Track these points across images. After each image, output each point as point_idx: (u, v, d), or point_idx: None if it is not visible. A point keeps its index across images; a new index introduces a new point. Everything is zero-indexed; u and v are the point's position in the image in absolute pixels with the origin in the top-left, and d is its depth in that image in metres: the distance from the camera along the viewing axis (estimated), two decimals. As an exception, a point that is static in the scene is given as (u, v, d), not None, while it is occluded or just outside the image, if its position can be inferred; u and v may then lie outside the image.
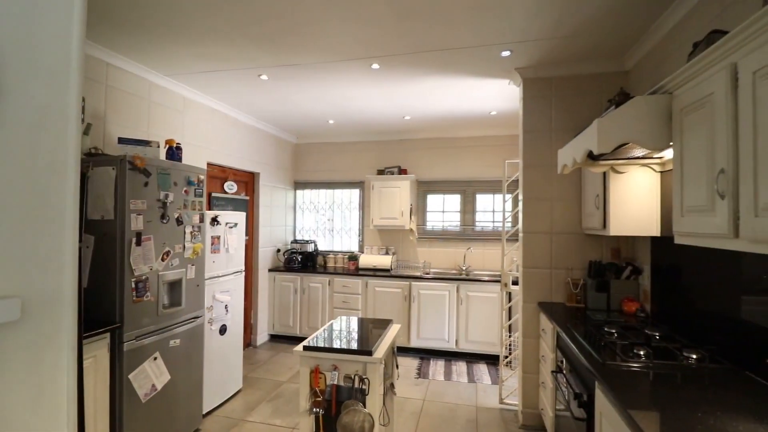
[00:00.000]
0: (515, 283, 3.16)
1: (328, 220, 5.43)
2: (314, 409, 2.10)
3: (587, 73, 2.78)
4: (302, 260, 4.92)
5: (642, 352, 1.66)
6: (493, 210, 4.82)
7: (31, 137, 0.59)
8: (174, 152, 2.74)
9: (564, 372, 2.09)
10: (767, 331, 1.44)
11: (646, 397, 1.34)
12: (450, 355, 4.25)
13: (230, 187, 4.27)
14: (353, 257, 4.90)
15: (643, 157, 2.05)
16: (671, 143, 1.54)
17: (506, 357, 3.36)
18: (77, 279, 0.68)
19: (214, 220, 3.06)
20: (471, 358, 4.18)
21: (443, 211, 4.99)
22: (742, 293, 1.60)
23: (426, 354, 4.30)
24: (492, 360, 4.07)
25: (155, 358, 2.35)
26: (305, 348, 2.10)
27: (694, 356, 1.62)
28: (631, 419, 1.18)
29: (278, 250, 5.07)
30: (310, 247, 5.05)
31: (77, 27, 0.66)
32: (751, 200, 1.09)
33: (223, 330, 3.14)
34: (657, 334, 1.90)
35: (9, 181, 0.57)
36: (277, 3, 2.07)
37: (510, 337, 3.50)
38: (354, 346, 2.15)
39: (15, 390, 0.58)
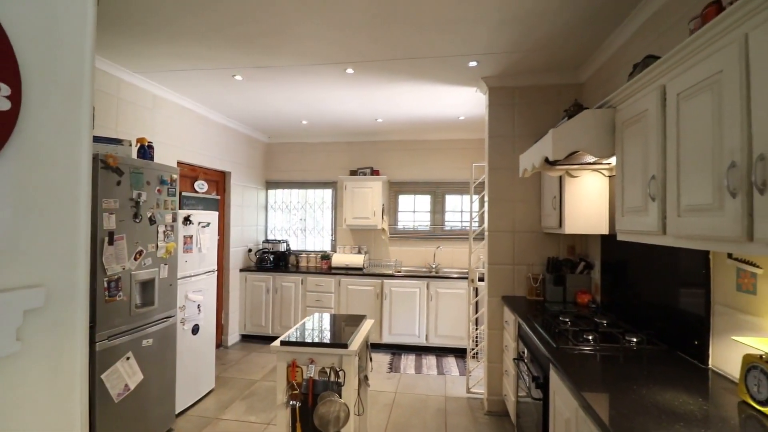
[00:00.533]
0: (481, 279, 3.35)
1: (300, 219, 5.46)
2: (291, 402, 2.17)
3: (547, 84, 3.01)
4: (274, 260, 4.93)
5: (590, 338, 1.86)
6: (461, 210, 5.04)
7: (51, 146, 0.66)
8: (146, 151, 2.71)
9: (524, 359, 2.28)
10: (696, 317, 1.66)
11: (591, 375, 1.53)
12: (420, 350, 4.41)
13: (201, 186, 4.22)
14: (326, 256, 4.96)
15: (594, 163, 2.26)
16: (615, 152, 1.74)
17: (473, 349, 3.55)
18: (89, 272, 0.75)
19: (187, 220, 3.05)
20: (440, 351, 4.36)
21: (414, 211, 5.16)
22: (677, 285, 1.82)
23: (397, 349, 4.44)
24: (460, 353, 4.26)
25: (128, 358, 2.34)
26: (282, 343, 2.17)
27: (635, 339, 1.83)
28: (578, 393, 1.36)
29: (250, 250, 5.04)
30: (282, 247, 5.06)
31: (89, 44, 0.73)
32: (675, 202, 1.28)
33: (195, 330, 3.13)
34: (604, 321, 2.12)
35: (34, 185, 0.63)
36: (257, 7, 2.12)
37: (477, 330, 3.70)
38: (330, 339, 2.24)
39: (37, 368, 0.64)
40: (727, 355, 1.49)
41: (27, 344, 0.62)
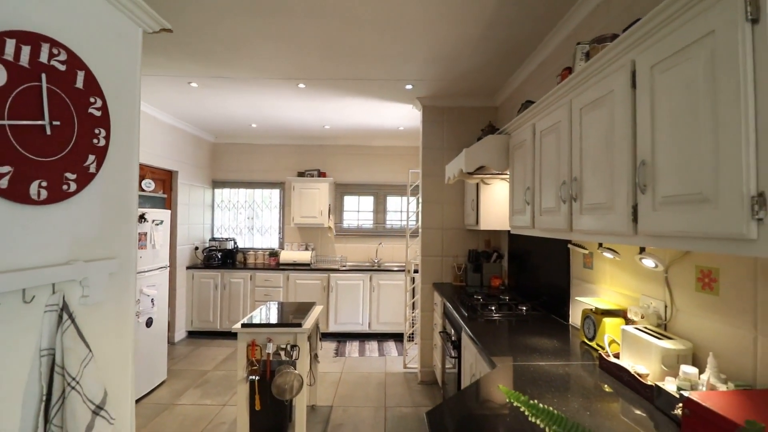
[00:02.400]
0: (417, 270, 3.87)
1: (248, 218, 5.63)
2: (250, 377, 2.49)
3: (470, 105, 3.61)
4: (222, 257, 5.07)
5: (493, 308, 2.43)
6: (401, 210, 5.58)
7: (118, 165, 0.99)
8: (103, 152, 2.84)
9: (447, 332, 2.81)
10: (562, 289, 2.28)
11: (488, 332, 2.07)
12: (364, 336, 4.86)
13: (148, 185, 4.28)
14: (274, 253, 5.21)
15: (501, 174, 2.86)
16: (509, 167, 2.32)
17: (410, 332, 4.07)
18: (137, 251, 1.09)
19: (142, 218, 3.20)
20: (382, 337, 4.85)
21: (358, 210, 5.59)
22: (554, 266, 2.44)
23: (343, 337, 4.85)
24: (399, 338, 4.78)
25: (91, 347, 2.49)
26: (243, 325, 2.48)
27: (524, 308, 2.43)
28: (476, 343, 1.88)
29: (196, 248, 5.13)
30: (230, 245, 5.22)
31: (137, 91, 1.07)
32: (538, 206, 1.85)
33: (149, 323, 3.28)
34: (507, 298, 2.72)
35: (111, 192, 0.97)
36: (217, 26, 2.39)
37: (413, 313, 4.23)
38: (286, 320, 2.59)
39: (112, 313, 0.97)
40: (578, 313, 2.11)
41: (108, 296, 0.95)
